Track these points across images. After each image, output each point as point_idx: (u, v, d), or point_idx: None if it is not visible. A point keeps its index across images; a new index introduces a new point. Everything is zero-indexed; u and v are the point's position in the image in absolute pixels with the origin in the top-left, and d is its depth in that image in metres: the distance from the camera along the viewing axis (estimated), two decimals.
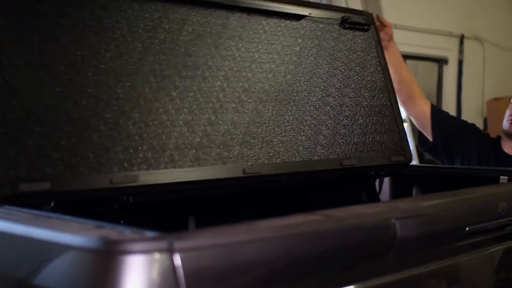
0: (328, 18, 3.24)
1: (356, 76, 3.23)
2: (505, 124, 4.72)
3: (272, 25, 2.96)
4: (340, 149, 3.00)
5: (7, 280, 1.63)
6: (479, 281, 2.35)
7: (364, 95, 3.23)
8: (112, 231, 1.50)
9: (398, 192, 3.49)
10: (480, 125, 12.29)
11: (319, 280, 1.73)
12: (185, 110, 2.51)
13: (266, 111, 2.78)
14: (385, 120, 3.30)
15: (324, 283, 1.74)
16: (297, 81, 2.97)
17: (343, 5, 7.92)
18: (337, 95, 3.11)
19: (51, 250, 1.53)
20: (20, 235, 1.65)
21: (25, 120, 2.08)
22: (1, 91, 2.07)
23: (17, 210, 1.87)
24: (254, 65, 2.82)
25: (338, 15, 3.28)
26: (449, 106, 11.92)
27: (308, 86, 3.01)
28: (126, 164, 2.26)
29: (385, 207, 1.97)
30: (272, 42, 2.94)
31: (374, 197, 3.40)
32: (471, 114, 12.25)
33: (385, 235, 1.87)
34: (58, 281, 1.46)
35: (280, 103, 2.86)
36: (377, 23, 3.64)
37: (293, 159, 2.80)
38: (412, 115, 4.84)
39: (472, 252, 2.28)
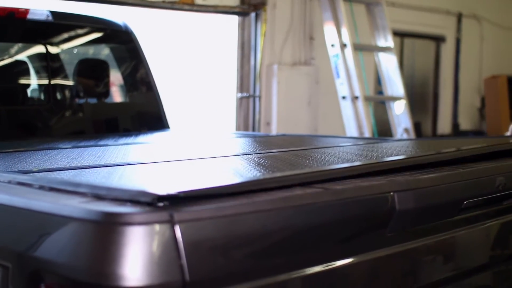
0: None
1: None
2: None
3: None
4: None
5: (8, 252, 1.63)
6: (477, 254, 2.36)
7: None
8: (113, 203, 1.51)
9: None
10: (477, 103, 12.30)
11: (318, 253, 1.74)
12: None
13: None
14: None
15: (323, 255, 1.75)
16: None
17: None
18: None
19: (52, 222, 1.53)
20: (20, 207, 1.66)
21: None
22: None
23: None
24: None
25: None
26: (446, 84, 11.91)
27: None
28: None
29: (384, 180, 1.97)
30: None
31: None
32: (469, 93, 12.26)
33: (383, 207, 1.88)
34: (59, 253, 1.47)
35: None
36: None
37: None
38: None
39: (469, 225, 2.28)
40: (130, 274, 1.35)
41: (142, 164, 2.48)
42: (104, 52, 5.01)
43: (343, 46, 7.92)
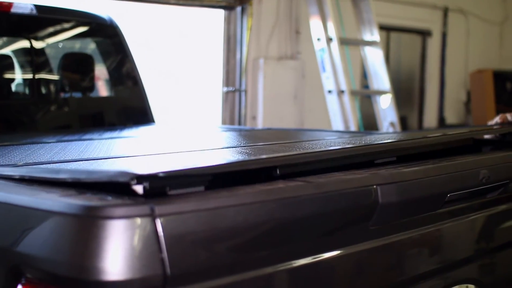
0: None
1: None
2: None
3: None
4: None
5: None
6: (460, 247, 2.37)
7: None
8: (94, 197, 1.51)
9: None
10: (463, 97, 12.34)
11: (301, 246, 1.74)
12: None
13: None
14: None
15: (306, 248, 1.75)
16: None
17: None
18: None
19: (33, 216, 1.53)
20: (1, 201, 1.65)
21: None
22: None
23: None
24: None
25: None
26: (432, 78, 11.94)
27: None
28: None
29: (367, 173, 1.97)
30: None
31: None
32: (455, 87, 12.29)
33: (366, 200, 1.88)
34: (40, 247, 1.46)
35: None
36: None
37: None
38: None
39: (453, 218, 2.29)
40: (111, 268, 1.35)
41: (125, 158, 2.47)
42: (89, 46, 4.98)
43: (329, 40, 7.92)
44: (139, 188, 1.47)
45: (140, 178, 1.45)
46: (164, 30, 8.60)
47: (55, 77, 4.42)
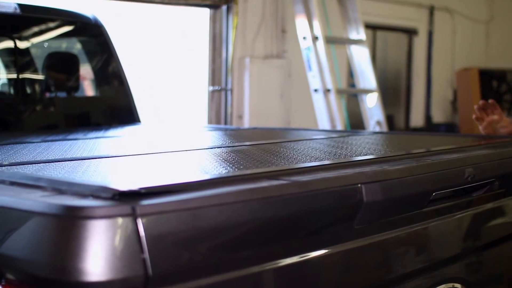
0: None
1: None
2: None
3: None
4: None
5: None
6: (446, 246, 2.36)
7: None
8: (74, 196, 1.49)
9: None
10: (450, 96, 12.37)
11: (284, 246, 1.73)
12: None
13: None
14: None
15: (290, 248, 1.74)
16: None
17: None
18: None
19: (12, 216, 1.51)
20: None
21: None
22: None
23: None
24: None
25: None
26: (419, 77, 11.97)
27: None
28: None
29: (351, 172, 1.96)
30: None
31: None
32: (441, 85, 12.33)
33: (351, 199, 1.86)
34: (20, 248, 1.44)
35: None
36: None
37: None
38: None
39: (439, 217, 2.28)
40: (92, 268, 1.33)
41: (109, 158, 2.45)
42: (74, 45, 4.96)
43: (315, 38, 7.92)
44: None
45: (122, 195, 1.44)
46: (150, 29, 8.58)
47: (39, 76, 4.39)
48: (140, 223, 1.37)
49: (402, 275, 2.15)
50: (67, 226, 1.37)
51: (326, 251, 1.84)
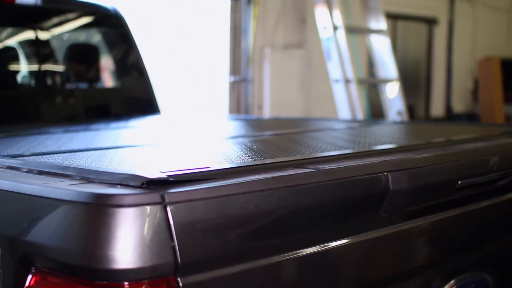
0: None
1: None
2: None
3: None
4: None
5: None
6: (472, 235, 2.35)
7: None
8: (102, 185, 1.49)
9: None
10: (470, 86, 12.31)
11: (311, 234, 1.73)
12: None
13: None
14: None
15: (316, 236, 1.74)
16: None
17: None
18: None
19: (42, 205, 1.51)
20: (10, 191, 1.64)
21: None
22: None
23: None
24: None
25: None
26: (439, 67, 11.91)
27: None
28: None
29: (378, 160, 1.95)
30: None
31: None
32: (462, 75, 12.26)
33: (377, 188, 1.86)
34: (50, 236, 1.45)
35: None
36: None
37: None
38: None
39: (464, 206, 2.27)
40: (121, 256, 1.34)
41: (132, 147, 2.46)
42: (94, 37, 4.97)
43: (335, 28, 7.87)
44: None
45: (150, 183, 1.44)
46: (171, 20, 8.59)
47: (61, 68, 4.41)
48: (169, 211, 1.38)
49: (427, 264, 2.15)
50: (97, 214, 1.37)
51: (352, 239, 1.83)
